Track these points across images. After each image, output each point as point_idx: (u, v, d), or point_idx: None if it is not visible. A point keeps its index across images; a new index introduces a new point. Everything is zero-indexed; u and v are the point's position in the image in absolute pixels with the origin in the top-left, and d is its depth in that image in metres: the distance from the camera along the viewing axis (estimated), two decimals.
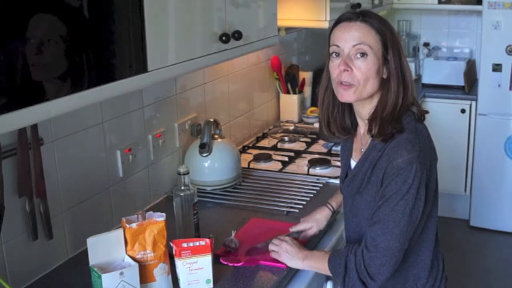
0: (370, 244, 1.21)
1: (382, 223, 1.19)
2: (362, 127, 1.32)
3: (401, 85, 1.24)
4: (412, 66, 3.49)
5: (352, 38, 1.22)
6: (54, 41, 0.96)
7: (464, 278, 2.87)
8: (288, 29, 2.50)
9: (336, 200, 1.56)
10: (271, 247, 1.39)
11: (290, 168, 2.06)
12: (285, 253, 1.36)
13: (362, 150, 1.31)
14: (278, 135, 2.42)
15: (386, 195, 1.19)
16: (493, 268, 3.01)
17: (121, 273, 1.15)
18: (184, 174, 1.44)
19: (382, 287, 1.27)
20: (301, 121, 2.65)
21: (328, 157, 2.11)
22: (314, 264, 1.34)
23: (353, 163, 1.35)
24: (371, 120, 1.26)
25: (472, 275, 2.94)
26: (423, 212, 1.22)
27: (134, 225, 1.20)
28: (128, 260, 1.20)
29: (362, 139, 1.33)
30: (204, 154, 1.80)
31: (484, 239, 3.28)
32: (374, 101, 1.26)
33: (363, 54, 1.22)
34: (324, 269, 1.31)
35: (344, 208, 1.41)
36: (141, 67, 1.17)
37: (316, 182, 1.91)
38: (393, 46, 1.23)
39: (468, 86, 3.31)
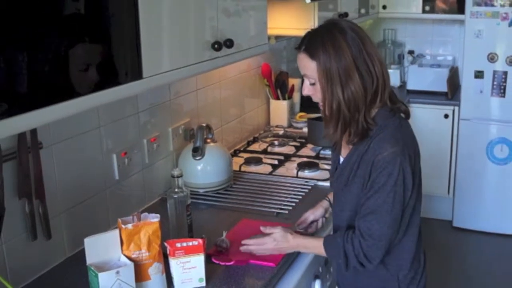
0: (365, 233, 1.29)
1: (376, 213, 1.27)
2: None
3: (339, 88, 1.26)
4: (397, 73, 3.53)
5: (301, 69, 1.32)
6: (52, 48, 0.98)
7: (446, 276, 2.94)
8: (278, 38, 2.52)
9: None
10: (253, 247, 1.42)
11: (280, 171, 2.08)
12: (273, 241, 1.40)
13: (350, 146, 1.37)
14: (268, 139, 2.44)
15: (374, 186, 1.27)
16: (474, 266, 3.08)
17: (117, 272, 1.17)
18: (177, 177, 1.46)
19: (368, 275, 1.36)
20: (290, 125, 2.68)
21: (316, 161, 2.15)
22: (306, 242, 1.40)
23: (341, 160, 1.42)
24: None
25: (454, 273, 3.00)
26: (409, 202, 1.30)
27: (129, 226, 1.22)
28: (124, 259, 1.22)
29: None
30: (197, 158, 1.82)
31: (466, 238, 3.34)
32: None
33: (312, 83, 1.31)
34: (317, 246, 1.37)
35: (333, 204, 1.48)
36: (137, 74, 1.20)
37: (304, 185, 1.94)
38: (333, 63, 1.24)
39: (451, 92, 3.36)
